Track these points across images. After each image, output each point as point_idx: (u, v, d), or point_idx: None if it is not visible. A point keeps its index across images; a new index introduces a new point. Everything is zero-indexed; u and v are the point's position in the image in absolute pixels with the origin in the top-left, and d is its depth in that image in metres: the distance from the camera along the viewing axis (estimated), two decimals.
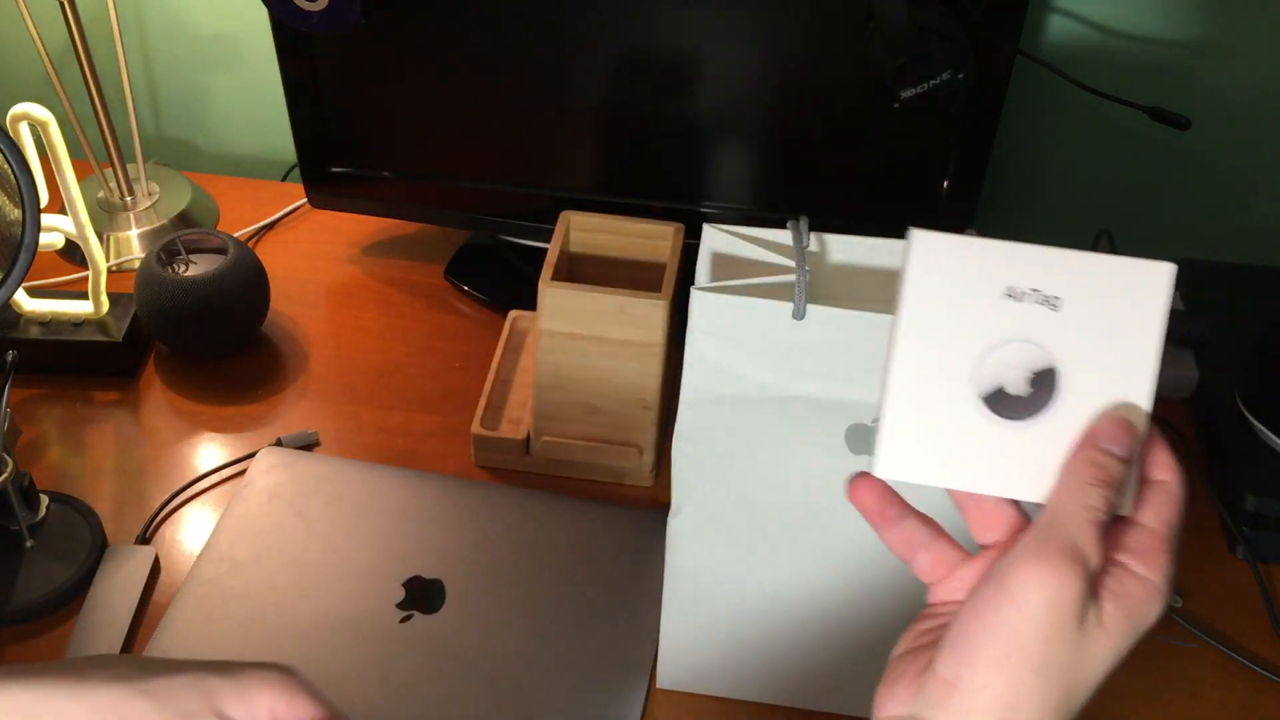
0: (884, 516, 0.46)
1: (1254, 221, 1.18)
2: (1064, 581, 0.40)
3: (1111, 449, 0.42)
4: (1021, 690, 0.40)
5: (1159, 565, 0.43)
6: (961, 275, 0.43)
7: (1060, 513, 0.41)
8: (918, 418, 0.43)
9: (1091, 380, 0.42)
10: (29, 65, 1.26)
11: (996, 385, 0.43)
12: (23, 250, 0.75)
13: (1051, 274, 0.42)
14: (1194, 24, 1.06)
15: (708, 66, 0.94)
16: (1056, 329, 0.42)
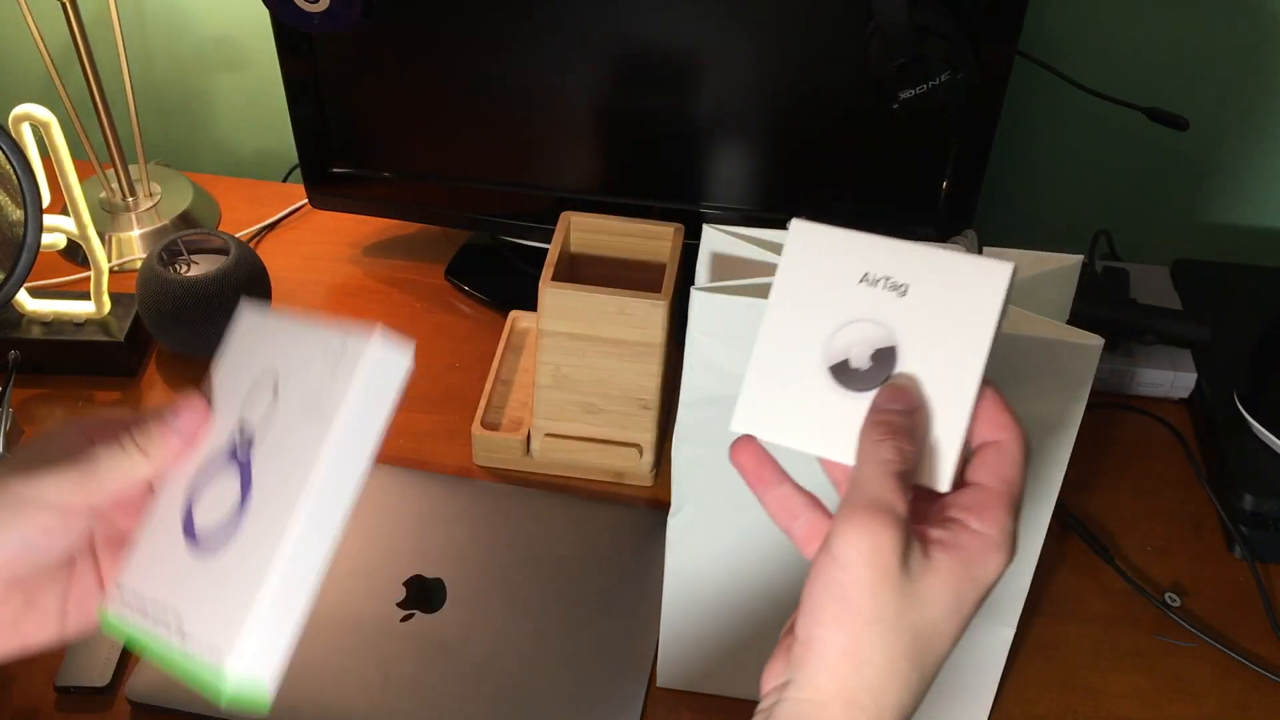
0: (760, 479, 0.48)
1: (1252, 221, 1.18)
2: (875, 533, 0.42)
3: (891, 406, 0.45)
4: (864, 640, 0.42)
5: (995, 519, 0.44)
6: (827, 260, 0.47)
7: (861, 474, 0.44)
8: (774, 382, 0.48)
9: (926, 359, 0.46)
10: (31, 66, 1.27)
11: (843, 358, 0.47)
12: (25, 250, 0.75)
13: (904, 264, 0.46)
14: (1192, 25, 1.06)
15: (708, 67, 0.94)
16: (901, 312, 0.46)
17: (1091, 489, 0.94)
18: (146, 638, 0.46)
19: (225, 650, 0.43)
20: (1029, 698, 0.80)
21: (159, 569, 0.46)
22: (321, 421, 0.45)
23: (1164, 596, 0.85)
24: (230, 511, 0.45)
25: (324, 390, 0.45)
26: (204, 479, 0.47)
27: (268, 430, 0.46)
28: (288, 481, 0.45)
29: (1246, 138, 1.12)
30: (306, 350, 0.47)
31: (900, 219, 1.00)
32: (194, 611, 0.44)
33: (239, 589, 0.44)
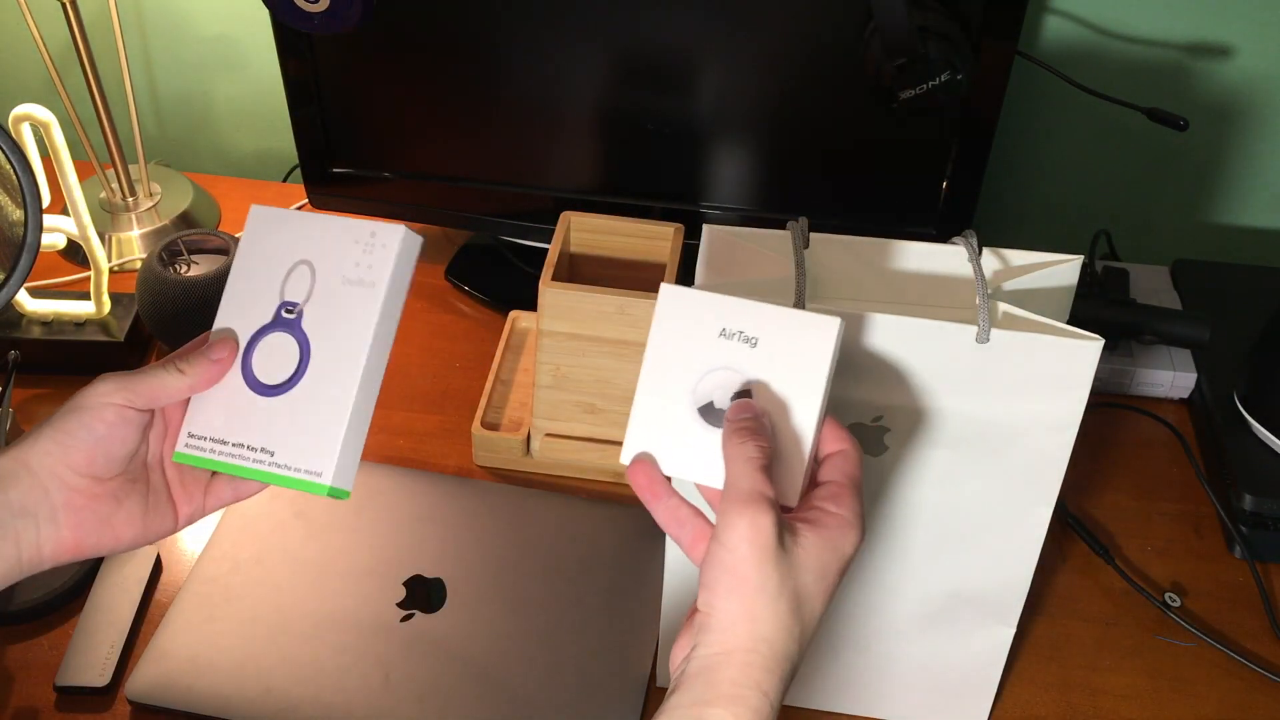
0: (653, 493, 0.56)
1: (1252, 221, 1.18)
2: (754, 517, 0.51)
3: (741, 416, 0.55)
4: (755, 604, 0.51)
5: (848, 504, 0.54)
6: (691, 318, 0.56)
7: (732, 472, 0.53)
8: (653, 421, 0.56)
9: (774, 399, 0.55)
10: (31, 66, 1.27)
11: (708, 400, 0.56)
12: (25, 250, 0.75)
13: (753, 320, 0.56)
14: (1192, 25, 1.06)
15: (708, 67, 0.94)
16: (753, 361, 0.55)
17: (1091, 489, 0.94)
18: (222, 466, 0.58)
19: (325, 467, 0.56)
20: (1029, 698, 0.80)
21: (229, 415, 0.58)
22: (369, 286, 0.57)
23: (1164, 596, 0.85)
24: (294, 365, 0.57)
25: (364, 265, 0.57)
26: (255, 349, 0.58)
27: (315, 302, 0.58)
28: (349, 334, 0.57)
29: (1246, 138, 1.12)
30: (336, 240, 0.58)
31: (900, 219, 1.00)
32: (281, 441, 0.57)
33: (322, 419, 0.56)
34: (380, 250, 0.57)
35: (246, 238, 0.60)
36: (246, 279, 0.59)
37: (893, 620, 0.73)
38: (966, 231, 0.67)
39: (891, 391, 0.64)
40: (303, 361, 0.57)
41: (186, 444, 0.59)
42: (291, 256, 0.58)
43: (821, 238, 0.69)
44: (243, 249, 0.59)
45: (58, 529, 0.56)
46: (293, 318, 0.58)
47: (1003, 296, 0.66)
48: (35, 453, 0.55)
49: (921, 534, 0.69)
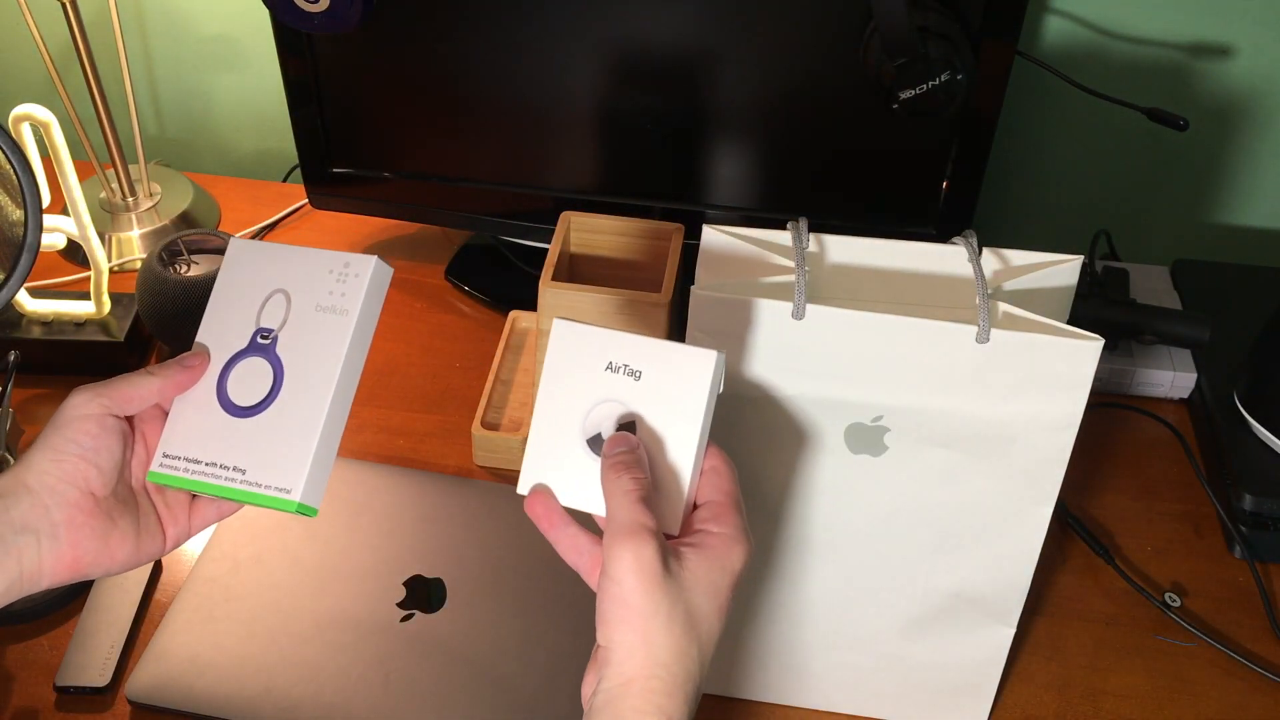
0: (551, 523, 0.57)
1: (1252, 221, 1.18)
2: (637, 548, 0.52)
3: (615, 450, 0.56)
4: (648, 632, 0.52)
5: (730, 521, 0.55)
6: (580, 352, 0.58)
7: (611, 508, 0.54)
8: (546, 453, 0.58)
9: (656, 429, 0.56)
10: (31, 66, 1.27)
11: (596, 432, 0.57)
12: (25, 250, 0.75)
13: (637, 354, 0.57)
14: (1192, 25, 1.06)
15: (708, 67, 0.94)
16: (636, 393, 0.57)
17: (1091, 489, 0.94)
18: (195, 485, 0.60)
19: (295, 485, 0.58)
20: (1029, 698, 0.80)
21: (203, 435, 0.59)
22: (342, 314, 0.59)
23: (1164, 596, 0.85)
24: (267, 388, 0.59)
25: (338, 294, 0.60)
26: (231, 373, 0.60)
27: (289, 329, 0.60)
28: (321, 358, 0.59)
29: (1246, 138, 1.12)
30: (312, 270, 0.61)
31: (900, 219, 1.00)
32: (252, 459, 0.59)
33: (293, 439, 0.58)
34: (353, 280, 0.61)
35: (225, 268, 0.62)
36: (224, 307, 0.61)
37: (893, 620, 0.73)
38: (966, 231, 0.67)
39: (891, 391, 0.64)
40: (276, 384, 0.59)
41: (161, 464, 0.60)
42: (268, 286, 0.61)
43: (821, 238, 0.69)
44: (222, 279, 0.62)
45: (58, 546, 0.56)
46: (267, 343, 0.60)
47: (1003, 296, 0.66)
48: (32, 472, 0.56)
49: (921, 534, 0.69)
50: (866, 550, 0.70)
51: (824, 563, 0.71)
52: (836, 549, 0.71)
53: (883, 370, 0.63)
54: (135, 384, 0.59)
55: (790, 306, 0.62)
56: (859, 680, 0.77)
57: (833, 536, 0.70)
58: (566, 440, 0.58)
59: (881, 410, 0.65)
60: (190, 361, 0.60)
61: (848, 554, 0.71)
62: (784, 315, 0.63)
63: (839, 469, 0.67)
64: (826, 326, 0.63)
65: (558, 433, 0.58)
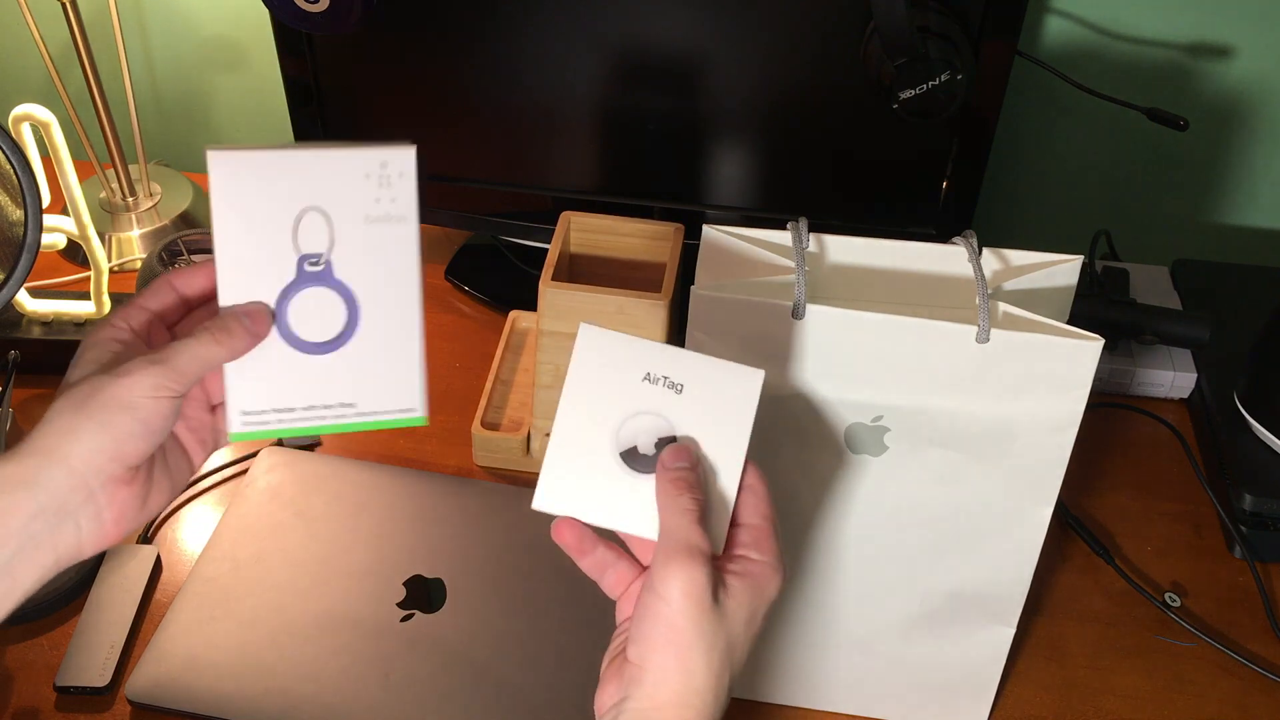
0: (581, 549, 0.56)
1: (1252, 221, 1.18)
2: (691, 571, 0.51)
3: (677, 464, 0.54)
4: (690, 658, 0.51)
5: (769, 549, 0.54)
6: (614, 360, 0.55)
7: (668, 524, 0.53)
8: (571, 465, 0.55)
9: (700, 447, 0.55)
10: (31, 66, 1.27)
11: (631, 445, 0.55)
12: (25, 250, 0.75)
13: (679, 367, 0.55)
14: (1191, 25, 1.06)
15: (708, 67, 0.94)
16: (678, 407, 0.55)
17: (1091, 489, 0.94)
18: (293, 432, 0.57)
19: (415, 403, 0.58)
20: (1029, 698, 0.80)
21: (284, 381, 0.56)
22: (399, 221, 0.55)
23: (1164, 596, 0.85)
24: (341, 318, 0.56)
25: (386, 199, 0.55)
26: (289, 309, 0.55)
27: (341, 249, 0.55)
28: (393, 272, 0.56)
29: (1246, 138, 1.12)
30: (343, 179, 0.54)
31: (900, 219, 1.00)
32: (358, 391, 0.57)
33: (395, 361, 0.57)
34: (398, 180, 0.55)
35: (220, 193, 0.53)
36: (243, 238, 0.54)
37: (893, 620, 0.73)
38: (966, 231, 0.67)
39: (891, 391, 0.64)
40: (352, 312, 0.56)
41: (244, 422, 0.56)
42: (293, 205, 0.54)
43: (821, 238, 0.69)
44: (219, 208, 0.53)
45: (101, 525, 0.53)
46: (320, 269, 0.55)
47: (1003, 296, 0.66)
48: (79, 449, 0.52)
49: (921, 534, 0.69)
50: (866, 550, 0.70)
51: (824, 563, 0.71)
52: (836, 549, 0.71)
53: (883, 370, 0.63)
54: (201, 357, 0.54)
55: (790, 306, 0.62)
56: (859, 680, 0.76)
57: (833, 536, 0.70)
58: (596, 452, 0.55)
59: (881, 410, 0.65)
60: (255, 324, 0.55)
61: (848, 554, 0.71)
62: (784, 315, 0.63)
63: (839, 469, 0.67)
64: (826, 326, 0.63)
65: (585, 443, 0.55)
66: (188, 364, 0.53)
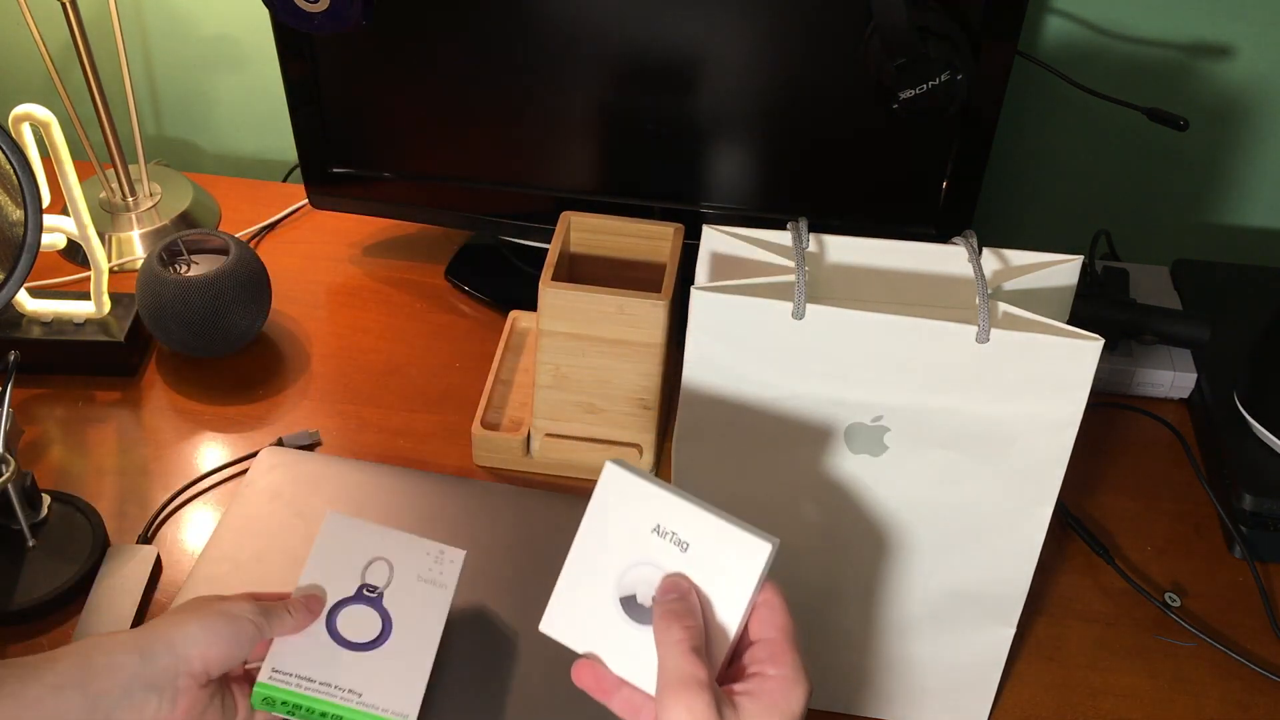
0: (603, 690, 0.56)
1: (1252, 221, 1.18)
2: (690, 702, 0.50)
3: (667, 598, 0.54)
4: None
5: (787, 660, 0.53)
6: (630, 506, 0.57)
7: (664, 658, 0.53)
8: (578, 598, 0.57)
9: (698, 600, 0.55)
10: (31, 66, 1.27)
11: (631, 593, 0.56)
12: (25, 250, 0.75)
13: (689, 524, 0.56)
14: (1191, 25, 1.06)
15: (708, 67, 0.94)
16: (681, 564, 0.55)
17: (1091, 489, 0.94)
18: (304, 699, 0.67)
19: (410, 710, 0.68)
20: (1029, 698, 0.80)
21: (316, 659, 0.69)
22: (442, 588, 0.73)
23: (1164, 596, 0.85)
24: (376, 631, 0.70)
25: (436, 571, 0.73)
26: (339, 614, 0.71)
27: (395, 589, 0.72)
28: (426, 617, 0.72)
29: (1246, 138, 1.12)
30: (411, 550, 0.73)
31: (900, 219, 1.00)
32: (368, 685, 0.68)
33: (406, 675, 0.69)
34: (449, 565, 0.74)
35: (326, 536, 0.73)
36: (328, 563, 0.72)
37: (893, 620, 0.73)
38: (966, 231, 0.67)
39: (891, 391, 0.64)
40: (385, 630, 0.71)
41: (272, 676, 0.68)
42: (370, 553, 0.73)
43: (821, 238, 0.69)
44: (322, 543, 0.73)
45: (173, 710, 0.61)
46: (374, 596, 0.72)
47: (1003, 296, 0.67)
48: (180, 636, 0.62)
49: (921, 534, 0.69)
50: (866, 550, 0.70)
51: (824, 563, 0.71)
52: (836, 549, 0.71)
53: (883, 370, 0.63)
54: (283, 622, 0.66)
55: (790, 306, 0.62)
56: (859, 680, 0.77)
57: (833, 536, 0.70)
58: (598, 593, 0.57)
59: (881, 410, 0.65)
60: (315, 606, 0.69)
61: (847, 554, 0.71)
62: (784, 315, 0.63)
63: (839, 469, 0.67)
64: (826, 326, 0.63)
65: (590, 581, 0.57)
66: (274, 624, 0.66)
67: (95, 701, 0.58)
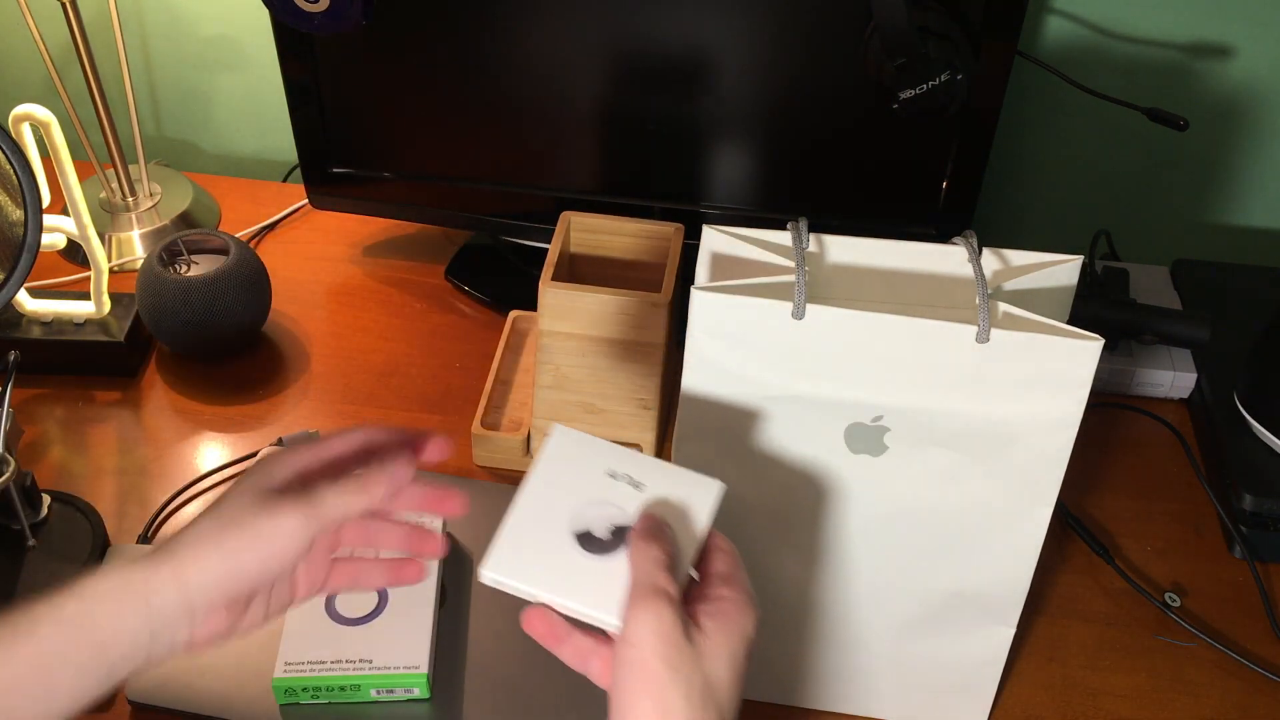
0: (555, 637, 0.56)
1: (1252, 222, 1.18)
2: (658, 612, 0.52)
3: (649, 524, 0.56)
4: (666, 698, 0.51)
5: (740, 586, 0.55)
6: (582, 455, 0.60)
7: (637, 570, 0.54)
8: (525, 541, 0.57)
9: None
10: (31, 66, 1.27)
11: (587, 529, 0.57)
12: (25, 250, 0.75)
13: (642, 469, 0.59)
14: (1191, 25, 1.06)
15: (708, 67, 0.94)
16: (637, 501, 0.58)
17: (1091, 489, 0.94)
18: (323, 680, 0.73)
19: (421, 661, 0.74)
20: (1029, 698, 0.80)
21: (320, 642, 0.74)
22: None
23: (1164, 596, 0.85)
24: (373, 603, 0.76)
25: None
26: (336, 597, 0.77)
27: None
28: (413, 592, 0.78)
29: (1246, 138, 1.12)
30: None
31: (900, 219, 1.00)
32: (376, 651, 0.74)
33: (412, 631, 0.75)
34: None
35: None
36: None
37: (893, 620, 0.73)
38: (966, 231, 0.67)
39: (891, 391, 0.64)
40: (382, 600, 0.76)
41: (285, 669, 0.73)
42: None
43: (821, 238, 0.69)
44: None
45: (190, 641, 0.55)
46: None
47: (1003, 296, 0.66)
48: (196, 571, 0.54)
49: (921, 534, 0.69)
50: (866, 550, 0.70)
51: (824, 563, 0.71)
52: (836, 549, 0.71)
53: (883, 370, 0.63)
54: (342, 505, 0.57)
55: (790, 306, 0.62)
56: (859, 680, 0.77)
57: (833, 536, 0.70)
58: (551, 532, 0.57)
59: (881, 410, 0.65)
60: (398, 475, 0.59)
61: (848, 554, 0.71)
62: (784, 315, 0.63)
63: (839, 469, 0.67)
64: (826, 326, 0.63)
65: (542, 523, 0.57)
66: (332, 508, 0.57)
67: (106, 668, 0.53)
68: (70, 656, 0.52)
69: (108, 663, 0.53)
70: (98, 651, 0.52)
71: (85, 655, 0.52)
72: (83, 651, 0.52)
